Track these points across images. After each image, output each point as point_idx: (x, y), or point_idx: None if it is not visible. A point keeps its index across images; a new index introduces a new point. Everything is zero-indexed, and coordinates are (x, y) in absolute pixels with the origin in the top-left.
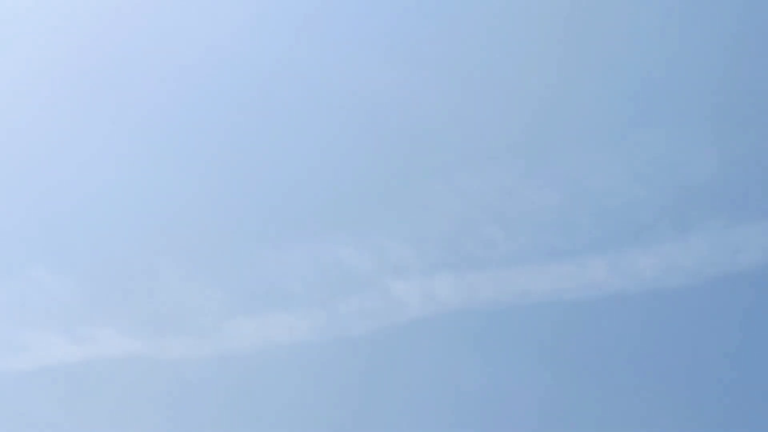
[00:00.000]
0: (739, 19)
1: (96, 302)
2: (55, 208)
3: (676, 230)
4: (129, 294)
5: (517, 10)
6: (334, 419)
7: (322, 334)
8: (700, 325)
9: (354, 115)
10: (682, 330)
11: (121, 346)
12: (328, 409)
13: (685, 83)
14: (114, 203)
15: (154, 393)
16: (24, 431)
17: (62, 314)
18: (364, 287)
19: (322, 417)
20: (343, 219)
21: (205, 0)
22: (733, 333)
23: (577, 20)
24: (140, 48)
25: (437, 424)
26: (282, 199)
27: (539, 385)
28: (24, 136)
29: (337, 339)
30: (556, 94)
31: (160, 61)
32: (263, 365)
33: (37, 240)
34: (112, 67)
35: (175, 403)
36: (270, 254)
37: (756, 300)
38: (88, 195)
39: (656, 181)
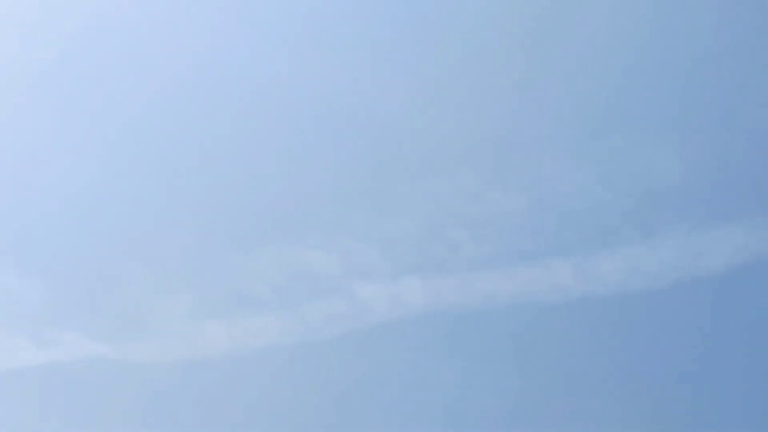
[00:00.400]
0: (704, 25)
1: (62, 305)
2: (21, 211)
3: (641, 234)
4: (95, 297)
5: (486, 15)
6: (301, 423)
7: (289, 338)
8: (665, 328)
9: (322, 118)
10: (647, 333)
11: (88, 350)
12: (296, 412)
13: (651, 88)
14: (81, 207)
15: (120, 397)
16: None
17: (28, 317)
18: (331, 291)
19: (290, 421)
20: (311, 222)
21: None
22: (698, 337)
23: (545, 26)
24: (110, 53)
25: (404, 428)
26: (249, 202)
27: (506, 388)
28: None
29: (304, 342)
30: (522, 99)
31: (131, 66)
32: (230, 369)
33: (2, 244)
34: (82, 72)
35: (142, 407)
36: (237, 257)
37: (720, 304)
38: (55, 199)
39: (621, 185)
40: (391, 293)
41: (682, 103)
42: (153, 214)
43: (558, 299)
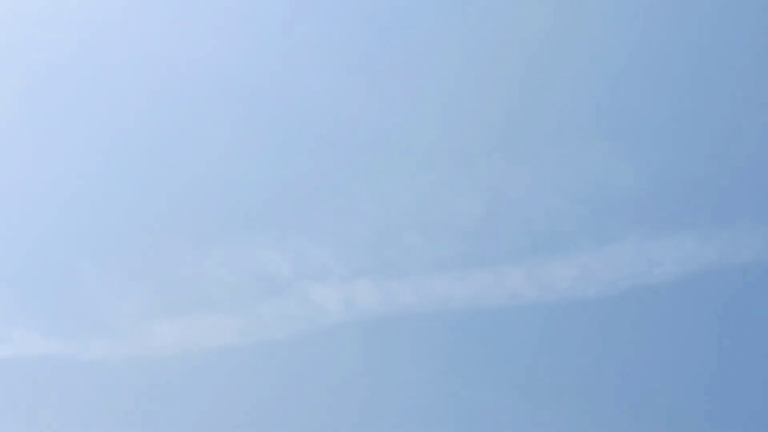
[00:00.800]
0: (659, 35)
1: (15, 303)
2: None
3: (594, 241)
4: (48, 294)
5: (446, 22)
6: (251, 423)
7: (242, 338)
8: (616, 335)
9: (278, 118)
10: (598, 340)
11: (40, 347)
12: (246, 412)
13: (606, 97)
14: (34, 203)
15: (72, 393)
16: None
17: None
18: (284, 292)
19: (240, 421)
20: (265, 223)
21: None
22: (648, 344)
23: (503, 34)
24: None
25: (355, 428)
26: (203, 201)
27: (455, 392)
28: None
29: (256, 343)
30: (477, 104)
31: (83, 63)
32: (182, 367)
33: None
34: (42, 70)
35: (94, 404)
36: (190, 257)
37: (671, 312)
38: (8, 195)
39: (575, 192)
40: (345, 295)
41: (637, 111)
42: (107, 212)
43: (510, 304)
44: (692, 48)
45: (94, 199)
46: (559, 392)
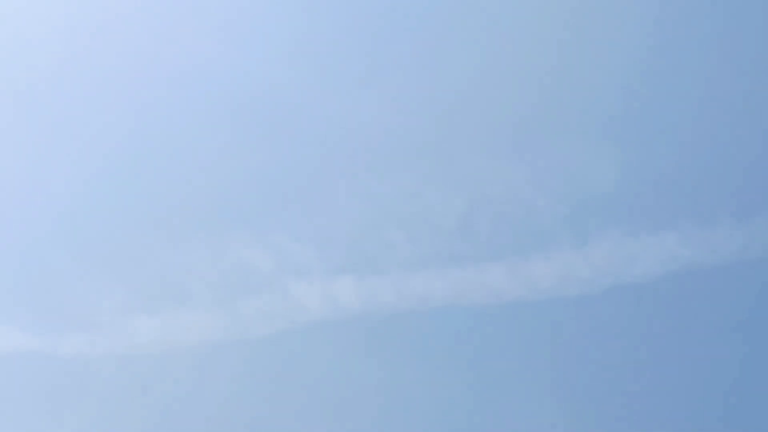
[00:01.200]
0: (640, 34)
1: None
2: None
3: (575, 239)
4: (27, 290)
5: (427, 18)
6: (231, 419)
7: (222, 334)
8: (596, 333)
9: (259, 116)
10: (578, 337)
11: (18, 342)
12: (226, 408)
13: (588, 94)
14: (14, 200)
15: (51, 389)
16: None
17: None
18: (265, 288)
19: (219, 416)
20: (246, 220)
21: None
22: (627, 342)
23: (483, 28)
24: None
25: (335, 425)
26: (185, 198)
27: (436, 388)
28: None
29: (237, 339)
30: (459, 101)
31: (72, 61)
32: (162, 363)
33: None
34: (25, 66)
35: (72, 400)
36: (171, 253)
37: (651, 310)
38: None
39: (556, 190)
40: (325, 292)
41: (618, 110)
42: (88, 207)
43: (490, 302)
44: (674, 50)
45: (75, 195)
46: (540, 388)
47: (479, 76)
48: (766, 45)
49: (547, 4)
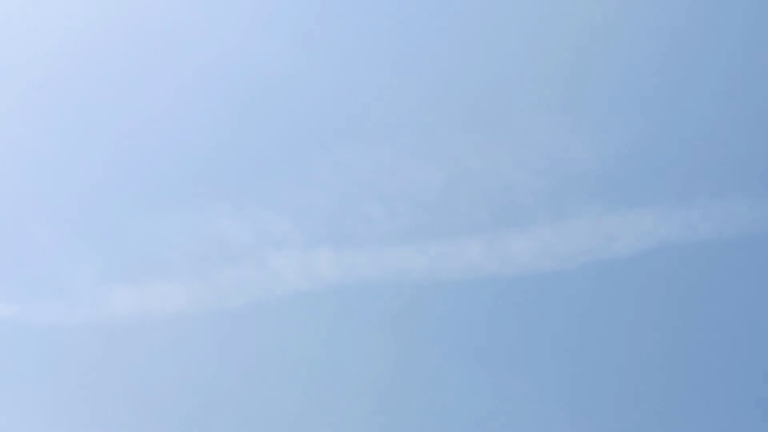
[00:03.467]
0: (622, 9)
1: None
2: None
3: (553, 215)
4: (3, 259)
5: None
6: (207, 390)
7: (199, 305)
8: (572, 309)
9: (238, 87)
10: (554, 314)
11: None
12: (202, 379)
13: (567, 71)
14: None
15: (27, 358)
16: None
17: None
18: (243, 259)
19: (197, 387)
20: (224, 190)
21: None
22: (605, 318)
23: (466, 4)
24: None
25: (311, 397)
26: (162, 167)
27: (413, 362)
28: None
29: (214, 310)
30: (441, 76)
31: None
32: (138, 333)
33: None
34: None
35: (49, 369)
36: (149, 222)
37: (628, 287)
38: None
39: (535, 166)
40: (303, 264)
41: (597, 87)
42: (64, 176)
43: (468, 276)
44: (654, 26)
45: (52, 163)
46: (517, 363)
47: (460, 52)
48: (748, 21)
49: None
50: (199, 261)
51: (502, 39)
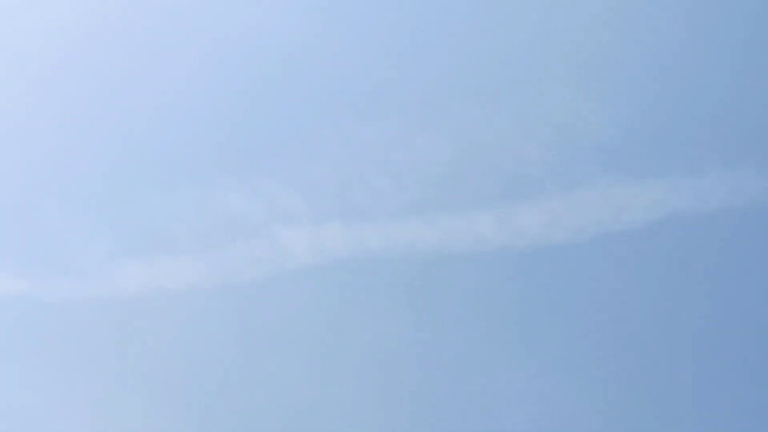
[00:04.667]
0: None
1: None
2: None
3: (563, 187)
4: (13, 235)
5: None
6: (216, 366)
7: (208, 280)
8: (583, 281)
9: (246, 60)
10: (565, 286)
11: (6, 287)
12: (211, 355)
13: (576, 42)
14: None
15: (38, 334)
16: None
17: None
18: (252, 234)
19: (206, 361)
20: (233, 165)
21: None
22: (616, 291)
23: None
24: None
25: (321, 371)
26: (171, 143)
27: (423, 336)
28: None
29: (223, 285)
30: (447, 48)
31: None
32: (148, 309)
33: None
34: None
35: (60, 345)
36: (158, 197)
37: (639, 259)
38: None
39: (544, 138)
40: (312, 238)
41: (606, 56)
42: (73, 152)
43: (478, 249)
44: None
45: (61, 139)
46: (528, 337)
47: (468, 24)
48: None
49: None
50: (209, 236)
51: (511, 9)
